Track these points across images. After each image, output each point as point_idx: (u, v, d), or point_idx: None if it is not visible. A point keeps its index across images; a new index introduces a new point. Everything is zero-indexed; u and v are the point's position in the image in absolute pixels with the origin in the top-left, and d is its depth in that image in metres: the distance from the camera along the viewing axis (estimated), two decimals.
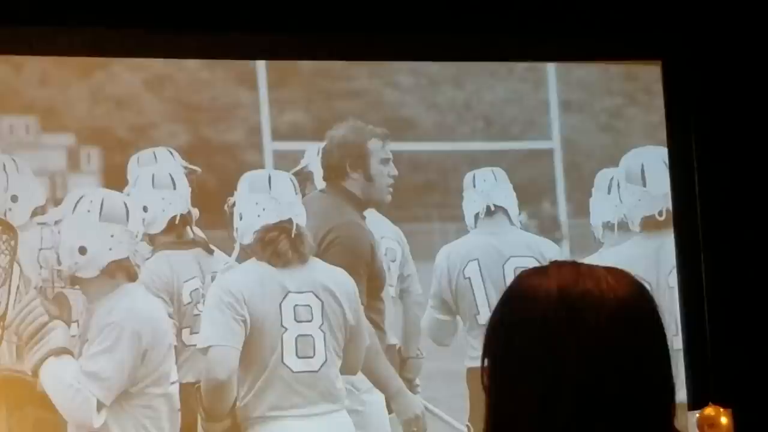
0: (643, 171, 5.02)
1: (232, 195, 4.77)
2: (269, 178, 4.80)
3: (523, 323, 1.29)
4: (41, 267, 4.80)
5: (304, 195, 4.81)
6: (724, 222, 4.95)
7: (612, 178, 5.02)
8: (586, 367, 1.25)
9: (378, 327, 4.79)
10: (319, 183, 4.87)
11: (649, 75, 5.10)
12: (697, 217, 4.95)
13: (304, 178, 4.85)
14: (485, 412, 1.30)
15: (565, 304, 1.27)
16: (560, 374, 1.25)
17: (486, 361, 1.34)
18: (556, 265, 1.32)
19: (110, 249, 4.69)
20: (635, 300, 1.29)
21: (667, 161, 5.01)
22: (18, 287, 4.75)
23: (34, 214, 4.83)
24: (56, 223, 4.77)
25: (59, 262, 4.73)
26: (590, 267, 1.33)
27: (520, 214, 4.98)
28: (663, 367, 1.30)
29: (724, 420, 3.59)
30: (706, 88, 4.98)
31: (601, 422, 1.25)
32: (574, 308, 1.27)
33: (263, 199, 4.73)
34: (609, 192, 5.01)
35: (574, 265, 1.32)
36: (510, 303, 1.32)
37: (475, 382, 5.14)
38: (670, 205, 5.00)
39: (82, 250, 4.69)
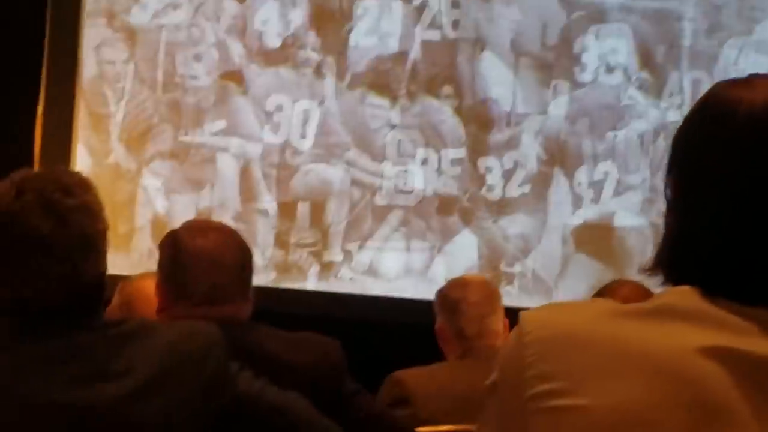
0: None
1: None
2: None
3: (721, 134, 1.15)
4: (158, 69, 4.85)
5: None
6: None
7: None
8: None
9: None
10: None
11: None
12: None
13: None
14: (665, 226, 1.18)
15: None
16: (757, 192, 1.14)
17: (672, 172, 1.19)
18: (761, 77, 1.18)
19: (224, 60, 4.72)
20: None
21: None
22: (132, 87, 4.81)
23: (155, 16, 4.85)
24: (176, 26, 4.80)
25: (175, 67, 4.78)
26: None
27: None
28: None
29: None
30: None
31: None
32: None
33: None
34: None
35: None
36: (706, 111, 1.18)
37: None
38: None
39: (197, 57, 4.73)
